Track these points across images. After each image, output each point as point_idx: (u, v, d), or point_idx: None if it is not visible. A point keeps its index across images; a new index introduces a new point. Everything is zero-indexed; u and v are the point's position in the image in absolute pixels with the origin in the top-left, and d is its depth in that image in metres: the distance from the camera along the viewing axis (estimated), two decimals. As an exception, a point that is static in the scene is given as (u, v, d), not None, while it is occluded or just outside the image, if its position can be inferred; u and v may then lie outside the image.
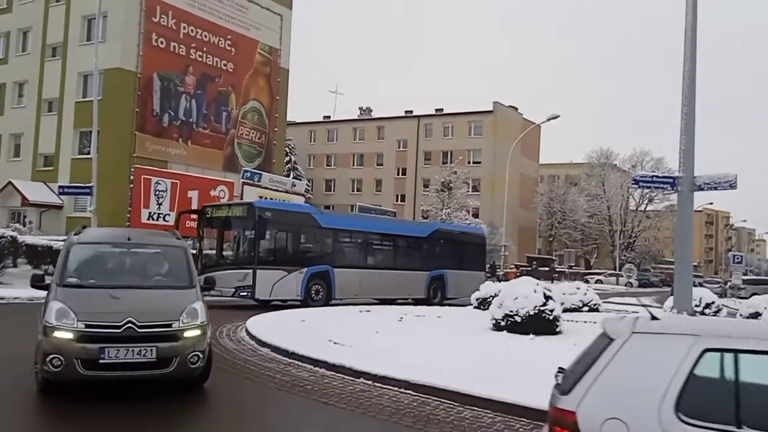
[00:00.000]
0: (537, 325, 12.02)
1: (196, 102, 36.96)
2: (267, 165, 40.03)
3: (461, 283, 23.54)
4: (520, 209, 62.91)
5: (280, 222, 18.82)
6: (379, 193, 65.74)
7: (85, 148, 33.02)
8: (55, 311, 6.43)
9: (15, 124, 36.57)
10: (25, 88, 36.98)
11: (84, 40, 34.04)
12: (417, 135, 66.11)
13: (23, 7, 37.33)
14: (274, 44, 41.90)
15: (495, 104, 63.11)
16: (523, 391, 7.10)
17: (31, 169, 35.19)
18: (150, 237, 8.71)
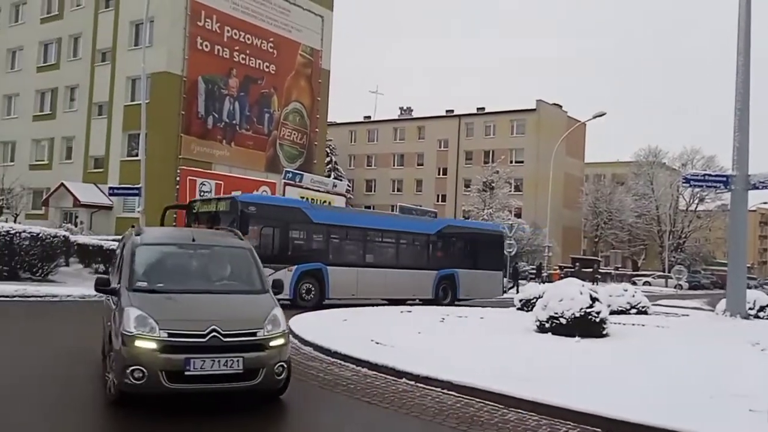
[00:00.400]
0: (583, 328, 11.80)
1: (239, 104, 37.58)
2: (308, 165, 40.41)
3: (476, 283, 22.69)
4: (565, 209, 61.99)
5: (265, 217, 18.08)
6: (420, 194, 65.63)
7: (134, 150, 33.95)
8: (133, 319, 5.96)
9: (67, 127, 37.79)
10: (77, 92, 38.19)
11: (132, 45, 34.97)
12: (458, 134, 65.80)
13: (74, 14, 38.55)
14: (316, 46, 42.27)
15: (538, 102, 62.35)
16: (569, 394, 6.99)
17: (82, 171, 36.30)
18: (214, 237, 8.19)
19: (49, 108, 39.35)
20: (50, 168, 37.90)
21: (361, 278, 19.72)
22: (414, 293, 21.36)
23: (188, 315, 6.17)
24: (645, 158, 69.61)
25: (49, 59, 39.82)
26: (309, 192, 31.16)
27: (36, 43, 40.15)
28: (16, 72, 41.28)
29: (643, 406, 6.52)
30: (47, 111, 39.38)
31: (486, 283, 22.84)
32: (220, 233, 8.55)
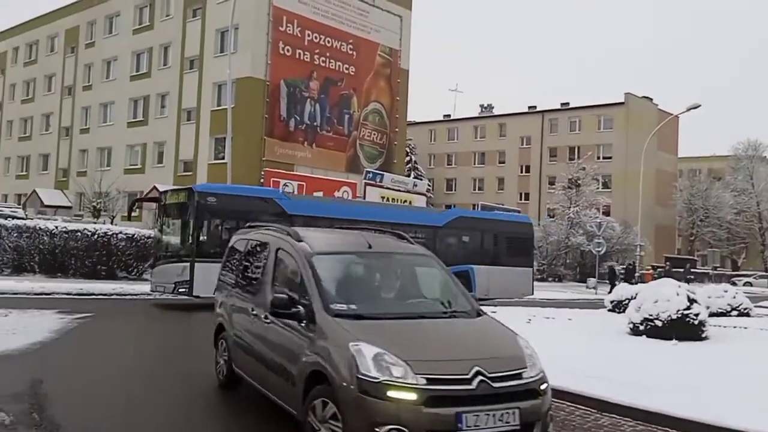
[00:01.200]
0: (680, 330, 11.32)
1: (320, 106, 38.36)
2: (388, 165, 40.70)
3: (499, 280, 20.69)
4: (657, 207, 59.53)
5: (228, 209, 16.57)
6: (502, 192, 64.78)
7: (220, 153, 35.29)
8: (371, 359, 4.51)
9: (158, 133, 39.75)
10: (167, 99, 40.09)
11: (218, 52, 36.38)
12: (541, 131, 64.51)
13: (164, 24, 40.49)
14: (394, 45, 42.55)
15: (627, 95, 60.19)
16: (667, 399, 6.74)
17: (172, 175, 38.08)
18: (387, 242, 6.66)
19: (142, 115, 41.51)
20: (143, 172, 39.96)
21: None
22: None
23: (441, 353, 4.80)
24: (744, 152, 65.91)
25: (141, 68, 41.99)
26: (390, 192, 31.40)
27: (129, 53, 42.43)
28: (111, 81, 43.79)
29: (748, 412, 6.21)
30: (140, 118, 41.55)
31: (512, 280, 20.92)
32: (388, 237, 6.90)
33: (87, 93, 45.56)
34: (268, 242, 6.57)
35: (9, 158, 52.00)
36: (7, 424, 5.60)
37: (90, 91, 45.35)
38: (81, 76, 46.32)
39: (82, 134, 45.59)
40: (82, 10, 46.51)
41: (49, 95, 49.15)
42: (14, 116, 52.22)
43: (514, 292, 21.52)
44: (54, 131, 48.27)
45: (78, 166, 44.79)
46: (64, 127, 47.36)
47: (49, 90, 49.37)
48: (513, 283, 20.68)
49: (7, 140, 52.68)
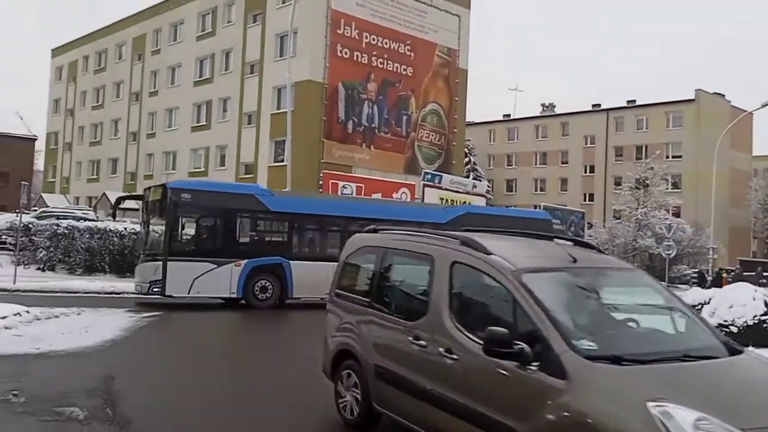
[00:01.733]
0: (757, 337, 10.88)
1: (378, 107, 38.59)
2: (447, 166, 40.57)
3: None
4: (731, 208, 57.17)
5: (204, 206, 16.11)
6: (565, 193, 63.53)
7: (279, 156, 35.96)
8: (691, 425, 3.36)
9: (220, 136, 40.84)
10: (228, 103, 41.14)
11: (277, 57, 37.11)
12: (606, 129, 62.94)
13: (225, 30, 41.58)
14: (453, 45, 42.39)
15: (697, 92, 58.07)
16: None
17: (234, 177, 39.02)
18: (589, 255, 5.25)
19: (205, 119, 42.72)
20: (206, 174, 41.06)
21: None
22: None
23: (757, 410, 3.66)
24: (826, 149, 62.54)
25: (204, 74, 43.22)
26: (448, 193, 31.32)
27: (192, 60, 43.75)
28: (176, 87, 45.24)
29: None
30: (203, 122, 42.77)
31: None
32: (579, 247, 5.48)
33: (153, 99, 47.24)
34: (429, 254, 5.27)
35: (81, 162, 54.39)
36: (81, 419, 5.89)
37: (156, 97, 47.00)
38: (147, 83, 48.06)
39: (148, 139, 47.28)
40: (148, 18, 48.26)
41: (118, 101, 51.17)
42: (85, 122, 54.58)
43: None
44: (122, 136, 50.23)
45: (145, 169, 46.47)
46: (131, 132, 49.22)
47: (118, 96, 51.40)
48: None
49: (78, 145, 55.12)
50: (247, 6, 39.91)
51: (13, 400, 6.32)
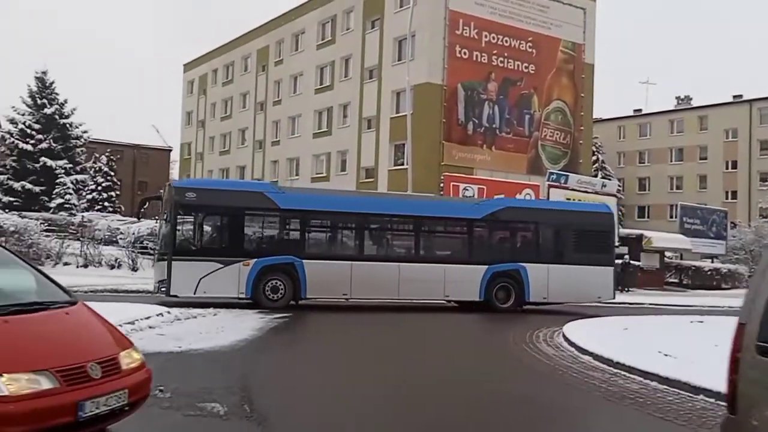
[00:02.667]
0: None
1: (499, 107, 38.06)
2: (573, 166, 39.30)
3: (563, 281, 17.84)
4: None
5: (211, 204, 15.90)
6: (704, 191, 59.52)
7: (399, 159, 36.37)
8: None
9: (341, 142, 41.94)
10: (348, 109, 42.17)
11: (395, 60, 37.57)
12: (749, 122, 58.38)
13: (344, 37, 42.68)
14: (578, 40, 41.05)
15: None
16: None
17: (355, 182, 39.91)
18: None
19: (326, 125, 44.04)
20: (328, 180, 42.29)
21: (358, 274, 16.21)
22: (448, 293, 17.49)
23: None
24: None
25: (325, 81, 44.57)
26: (575, 193, 30.35)
27: (313, 68, 45.26)
28: (298, 95, 46.99)
29: None
30: (324, 128, 44.12)
31: (583, 281, 17.93)
32: None
33: (277, 107, 49.34)
34: None
35: (212, 171, 57.81)
36: (221, 415, 6.22)
37: (279, 105, 49.06)
38: (271, 92, 50.28)
39: (273, 146, 49.42)
40: (271, 30, 50.49)
41: (244, 111, 53.92)
42: (215, 132, 57.96)
43: (586, 295, 18.62)
44: (249, 144, 52.86)
45: (270, 176, 48.57)
46: (257, 141, 51.68)
47: (244, 107, 54.16)
48: (584, 284, 17.89)
49: (209, 154, 58.62)
50: (366, 12, 40.75)
51: (159, 396, 6.74)
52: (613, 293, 18.87)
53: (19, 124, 37.92)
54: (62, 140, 38.50)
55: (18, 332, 4.51)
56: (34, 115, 37.59)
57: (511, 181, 33.75)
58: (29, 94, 37.65)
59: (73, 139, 39.43)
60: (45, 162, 37.83)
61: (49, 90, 38.09)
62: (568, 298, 18.36)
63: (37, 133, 37.81)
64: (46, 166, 37.84)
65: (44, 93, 37.71)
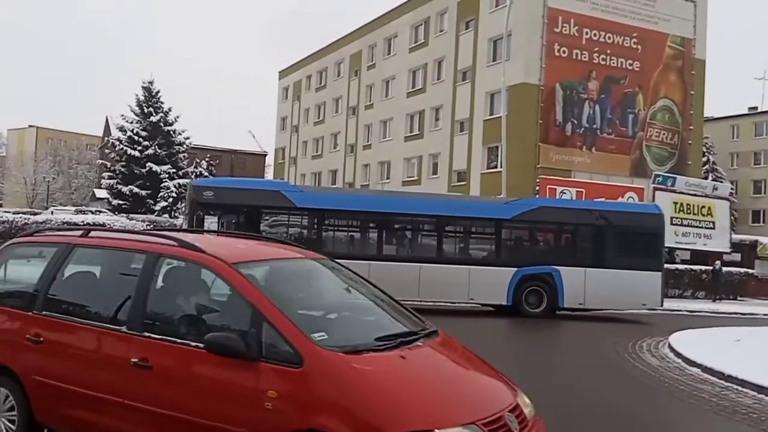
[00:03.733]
0: None
1: (600, 107, 36.96)
2: (681, 167, 37.59)
3: (602, 286, 16.92)
4: None
5: (228, 203, 16.21)
6: (831, 195, 55.43)
7: (493, 162, 36.01)
8: None
9: (433, 145, 42.01)
10: (440, 112, 42.19)
11: (490, 61, 37.26)
12: None
13: (437, 40, 42.76)
14: (687, 34, 39.29)
15: None
16: None
17: (447, 185, 39.86)
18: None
19: (418, 128, 44.24)
20: (419, 183, 42.45)
21: (377, 274, 15.83)
22: (473, 296, 16.86)
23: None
24: None
25: (417, 84, 44.80)
26: (684, 197, 29.07)
27: (406, 71, 45.60)
28: (390, 99, 47.48)
29: None
30: (416, 131, 44.33)
31: (625, 287, 16.95)
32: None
33: (369, 111, 50.05)
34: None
35: (304, 175, 59.37)
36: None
37: (371, 109, 49.73)
38: (363, 97, 51.07)
39: (364, 150, 50.16)
40: (364, 35, 51.33)
41: (337, 116, 55.05)
42: (308, 137, 59.50)
43: (630, 302, 17.60)
44: (341, 149, 53.91)
45: (361, 179, 49.34)
46: (349, 145, 52.61)
47: (336, 111, 55.29)
48: (627, 290, 16.90)
49: (302, 159, 60.25)
50: (460, 13, 40.66)
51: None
52: (661, 300, 17.71)
53: (128, 132, 40.38)
54: (166, 146, 40.69)
55: (421, 372, 3.87)
56: (141, 122, 39.91)
57: (612, 183, 32.66)
58: (137, 103, 40.04)
59: (176, 145, 41.60)
60: (151, 167, 40.10)
61: (154, 99, 40.36)
62: (609, 305, 17.54)
63: (143, 140, 40.14)
64: (152, 171, 40.10)
65: (150, 102, 39.97)
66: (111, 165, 43.06)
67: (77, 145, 78.97)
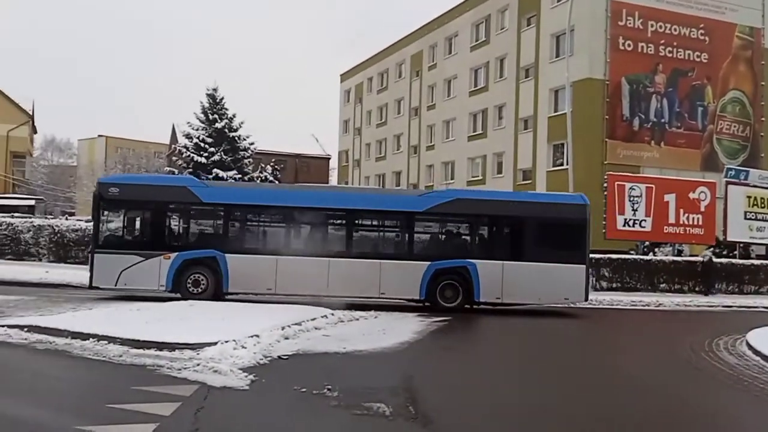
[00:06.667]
0: None
1: (668, 100, 35.83)
2: (754, 160, 36.08)
3: (520, 280, 16.13)
4: None
5: (133, 199, 16.22)
6: None
7: (558, 160, 35.29)
8: None
9: (496, 144, 41.50)
10: (504, 110, 41.63)
11: (553, 57, 36.53)
12: None
13: (499, 37, 42.22)
14: (756, 24, 37.88)
15: None
16: None
17: (512, 184, 39.31)
18: None
19: (481, 128, 43.79)
20: (484, 183, 42.00)
21: (284, 269, 15.76)
22: (384, 290, 16.19)
23: None
24: None
25: (479, 83, 44.36)
26: (757, 190, 27.80)
27: (467, 70, 45.21)
28: (452, 99, 47.18)
29: None
30: (479, 131, 43.89)
31: (547, 281, 16.17)
32: None
33: (431, 112, 49.86)
34: None
35: (368, 177, 59.67)
36: (387, 415, 6.37)
37: (433, 110, 49.53)
38: (425, 97, 50.91)
39: (428, 151, 49.99)
40: (424, 35, 51.19)
41: (399, 118, 55.07)
42: (371, 139, 59.77)
43: (550, 297, 16.68)
44: (404, 150, 53.91)
45: (425, 180, 49.19)
46: (412, 146, 52.56)
47: (399, 113, 55.32)
48: (548, 284, 16.13)
49: (366, 161, 60.56)
50: (521, 10, 40.03)
51: (327, 394, 7.05)
52: (586, 294, 16.71)
53: (194, 139, 41.40)
54: (232, 152, 41.49)
55: None
56: (206, 129, 40.85)
57: (683, 179, 31.37)
58: (202, 110, 41.02)
59: (241, 150, 42.38)
60: (217, 173, 40.96)
61: (219, 105, 41.25)
62: (529, 299, 16.62)
63: (209, 146, 41.09)
64: (218, 177, 40.99)
65: (215, 108, 40.88)
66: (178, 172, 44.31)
67: (145, 153, 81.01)
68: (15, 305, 13.56)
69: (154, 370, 7.96)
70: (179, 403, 6.43)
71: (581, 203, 17.07)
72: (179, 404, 6.39)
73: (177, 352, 8.73)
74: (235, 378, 7.63)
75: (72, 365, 8.34)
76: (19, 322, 10.44)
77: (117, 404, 6.25)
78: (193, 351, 8.73)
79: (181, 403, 6.44)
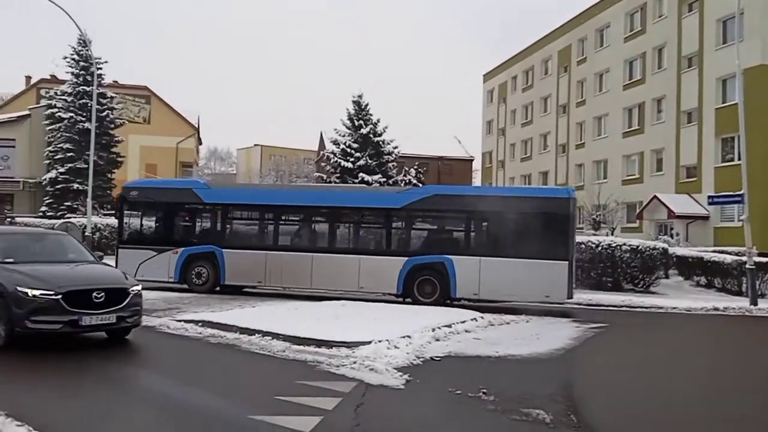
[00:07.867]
0: None
1: None
2: None
3: (499, 276, 15.74)
4: None
5: (150, 200, 18.48)
6: None
7: (728, 155, 32.77)
8: None
9: (655, 139, 39.28)
10: (663, 103, 39.32)
11: (720, 44, 33.99)
12: None
13: (656, 26, 39.98)
14: None
15: None
16: None
17: (674, 182, 37.05)
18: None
19: (637, 123, 41.62)
20: (641, 181, 39.89)
21: (272, 264, 17.23)
22: (362, 285, 16.67)
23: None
24: None
25: (634, 75, 42.20)
26: None
27: (621, 62, 43.17)
28: (604, 94, 45.26)
29: None
30: (635, 126, 41.73)
31: (524, 277, 15.53)
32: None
33: (580, 109, 48.16)
34: None
35: (513, 177, 58.75)
36: (548, 423, 6.29)
37: (583, 106, 47.79)
38: (574, 93, 49.26)
39: (577, 149, 48.31)
40: (572, 29, 49.57)
41: (545, 116, 53.72)
42: (515, 139, 58.79)
43: (530, 293, 15.96)
44: (551, 149, 52.49)
45: (575, 180, 47.56)
46: (560, 145, 51.05)
47: (545, 111, 53.96)
48: (527, 280, 15.52)
49: (510, 161, 59.66)
50: (681, -5, 37.67)
51: (483, 397, 7.08)
52: (568, 292, 15.79)
53: (341, 145, 42.94)
54: (376, 157, 42.56)
55: None
56: (352, 135, 42.22)
57: None
58: (348, 117, 42.44)
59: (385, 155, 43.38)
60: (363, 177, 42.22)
61: (364, 112, 42.47)
62: (506, 296, 16.32)
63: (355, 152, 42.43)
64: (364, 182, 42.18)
65: (360, 115, 42.12)
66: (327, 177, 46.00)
67: (296, 160, 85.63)
68: (189, 302, 15.19)
69: (315, 366, 8.46)
70: (340, 398, 6.80)
71: (564, 197, 16.68)
72: (340, 399, 6.76)
73: (334, 350, 9.25)
74: (391, 377, 7.90)
75: (242, 359, 9.10)
76: (194, 317, 11.76)
77: (283, 396, 6.75)
78: (348, 349, 9.20)
79: (341, 398, 6.81)
